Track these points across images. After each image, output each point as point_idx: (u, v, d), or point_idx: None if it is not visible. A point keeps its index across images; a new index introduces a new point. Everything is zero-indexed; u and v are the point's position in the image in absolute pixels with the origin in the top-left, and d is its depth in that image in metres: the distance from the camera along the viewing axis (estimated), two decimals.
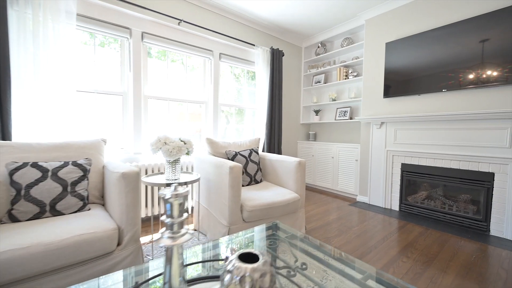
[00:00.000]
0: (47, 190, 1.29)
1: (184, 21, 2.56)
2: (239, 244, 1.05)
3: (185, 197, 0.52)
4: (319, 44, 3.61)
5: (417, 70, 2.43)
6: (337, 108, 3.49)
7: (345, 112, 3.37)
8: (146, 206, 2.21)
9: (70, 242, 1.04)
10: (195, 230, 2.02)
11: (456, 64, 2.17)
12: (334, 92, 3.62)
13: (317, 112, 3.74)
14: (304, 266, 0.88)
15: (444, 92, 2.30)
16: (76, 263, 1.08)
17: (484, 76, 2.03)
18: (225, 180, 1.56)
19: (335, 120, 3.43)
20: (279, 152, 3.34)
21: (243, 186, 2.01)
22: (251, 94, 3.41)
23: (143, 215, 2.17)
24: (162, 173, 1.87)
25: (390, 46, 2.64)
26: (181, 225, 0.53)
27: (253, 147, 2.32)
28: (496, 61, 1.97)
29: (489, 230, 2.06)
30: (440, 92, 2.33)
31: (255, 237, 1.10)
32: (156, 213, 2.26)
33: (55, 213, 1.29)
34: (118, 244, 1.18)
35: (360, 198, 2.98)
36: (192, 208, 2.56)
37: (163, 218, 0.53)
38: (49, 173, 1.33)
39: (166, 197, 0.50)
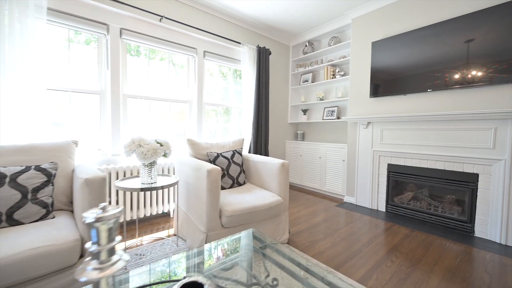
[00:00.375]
0: (4, 198, 1.18)
1: (165, 18, 2.46)
2: (208, 256, 0.98)
3: (116, 218, 0.44)
4: (307, 43, 3.56)
5: (403, 69, 2.41)
6: (325, 108, 3.46)
7: (332, 111, 3.33)
8: (131, 209, 2.10)
9: (24, 257, 0.94)
10: (175, 235, 1.94)
11: (442, 64, 2.16)
12: (321, 91, 3.59)
13: (305, 111, 3.69)
14: (275, 283, 0.81)
15: (430, 92, 2.29)
16: (32, 279, 0.98)
17: (469, 76, 2.02)
18: (203, 184, 1.48)
19: (323, 119, 3.39)
20: (266, 153, 3.28)
21: (225, 189, 1.93)
22: (237, 93, 3.33)
23: (127, 218, 2.07)
24: (138, 176, 1.78)
25: (376, 45, 2.61)
26: (111, 251, 0.45)
27: (237, 148, 2.25)
28: (480, 61, 1.96)
29: (474, 232, 2.06)
30: (425, 92, 2.31)
31: (227, 248, 1.03)
32: (135, 217, 2.15)
33: (13, 222, 1.18)
34: (82, 256, 1.09)
35: (347, 199, 2.96)
36: (173, 211, 2.47)
37: (87, 245, 0.45)
38: (7, 179, 1.22)
39: (88, 221, 0.42)
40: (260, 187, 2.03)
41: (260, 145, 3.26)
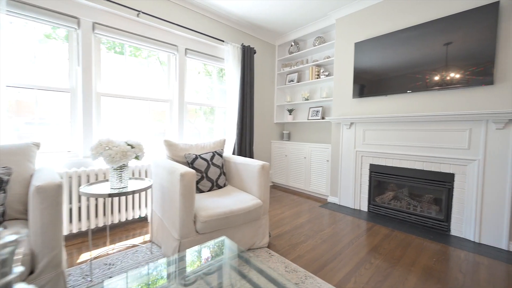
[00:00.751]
0: None
1: (143, 13, 2.34)
2: (173, 268, 0.91)
3: (13, 248, 0.36)
4: (292, 43, 3.53)
5: (384, 70, 2.43)
6: (310, 108, 3.45)
7: (317, 111, 3.33)
8: (105, 214, 1.98)
9: None
10: (151, 241, 1.84)
11: (422, 65, 2.18)
12: (307, 91, 3.57)
13: (290, 111, 3.67)
14: None
15: (410, 93, 2.32)
16: None
17: (448, 78, 2.05)
18: (176, 188, 1.40)
19: (308, 119, 3.38)
20: (251, 153, 3.23)
21: (203, 192, 1.86)
22: (222, 93, 3.25)
23: (92, 226, 1.94)
24: (108, 181, 1.67)
25: (359, 46, 2.62)
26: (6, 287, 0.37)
27: (217, 149, 2.18)
28: (458, 64, 2.00)
29: (450, 230, 2.10)
30: (405, 93, 2.34)
31: (194, 259, 0.96)
32: (107, 222, 2.04)
33: None
34: (31, 273, 0.98)
35: (331, 199, 2.96)
36: (149, 216, 2.36)
37: None
38: None
39: None
40: (241, 189, 1.98)
41: (245, 145, 3.20)
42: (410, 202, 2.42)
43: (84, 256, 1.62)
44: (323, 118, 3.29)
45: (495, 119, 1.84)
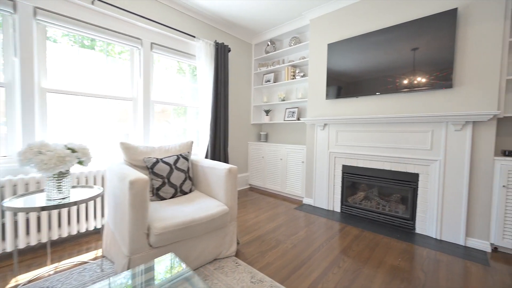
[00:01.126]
0: None
1: (99, 0, 2.11)
2: None
3: None
4: (269, 42, 3.47)
5: (355, 73, 2.45)
6: (286, 109, 3.41)
7: (293, 112, 3.30)
8: (39, 230, 1.72)
9: None
10: (103, 256, 1.64)
11: (391, 69, 2.22)
12: (283, 92, 3.53)
13: (267, 112, 3.61)
14: None
15: (378, 95, 2.36)
16: None
17: (415, 82, 2.10)
18: (126, 198, 1.24)
19: (284, 120, 3.34)
20: (225, 155, 3.10)
21: (165, 199, 1.70)
22: (194, 91, 3.08)
23: (33, 242, 1.68)
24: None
25: (332, 47, 2.62)
26: None
27: (183, 152, 2.03)
28: (424, 69, 2.05)
29: (415, 229, 2.17)
30: (374, 95, 2.38)
31: (129, 282, 0.83)
32: (46, 239, 1.79)
33: None
34: None
35: (306, 201, 2.94)
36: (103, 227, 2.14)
37: None
38: None
39: None
40: (208, 195, 1.85)
41: (219, 147, 3.07)
42: (380, 202, 2.47)
43: (14, 281, 1.38)
44: (298, 119, 3.27)
45: (453, 121, 1.92)
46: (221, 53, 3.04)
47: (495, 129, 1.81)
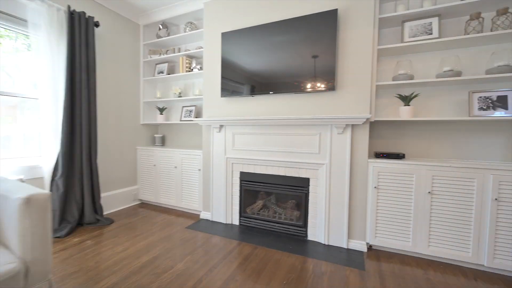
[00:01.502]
0: None
1: None
2: None
3: None
4: (160, 25, 2.84)
5: (252, 68, 2.18)
6: (183, 107, 2.88)
7: (190, 111, 2.81)
8: None
9: None
10: None
11: (284, 67, 2.04)
12: (179, 86, 2.98)
13: (161, 110, 2.96)
14: None
15: (272, 95, 2.17)
16: None
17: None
18: None
19: (180, 120, 2.80)
20: (91, 170, 2.27)
21: None
22: (31, 75, 2.11)
23: None
24: None
25: (226, 36, 2.28)
26: None
27: None
28: (311, 68, 1.94)
29: (307, 235, 2.08)
30: (268, 95, 2.18)
31: None
32: None
33: None
34: None
35: (203, 215, 2.50)
36: None
37: None
38: None
39: None
40: None
41: (79, 158, 2.21)
42: (276, 210, 2.30)
43: None
44: (196, 118, 2.79)
45: (336, 124, 1.90)
46: (80, 26, 2.20)
47: (368, 132, 1.87)
